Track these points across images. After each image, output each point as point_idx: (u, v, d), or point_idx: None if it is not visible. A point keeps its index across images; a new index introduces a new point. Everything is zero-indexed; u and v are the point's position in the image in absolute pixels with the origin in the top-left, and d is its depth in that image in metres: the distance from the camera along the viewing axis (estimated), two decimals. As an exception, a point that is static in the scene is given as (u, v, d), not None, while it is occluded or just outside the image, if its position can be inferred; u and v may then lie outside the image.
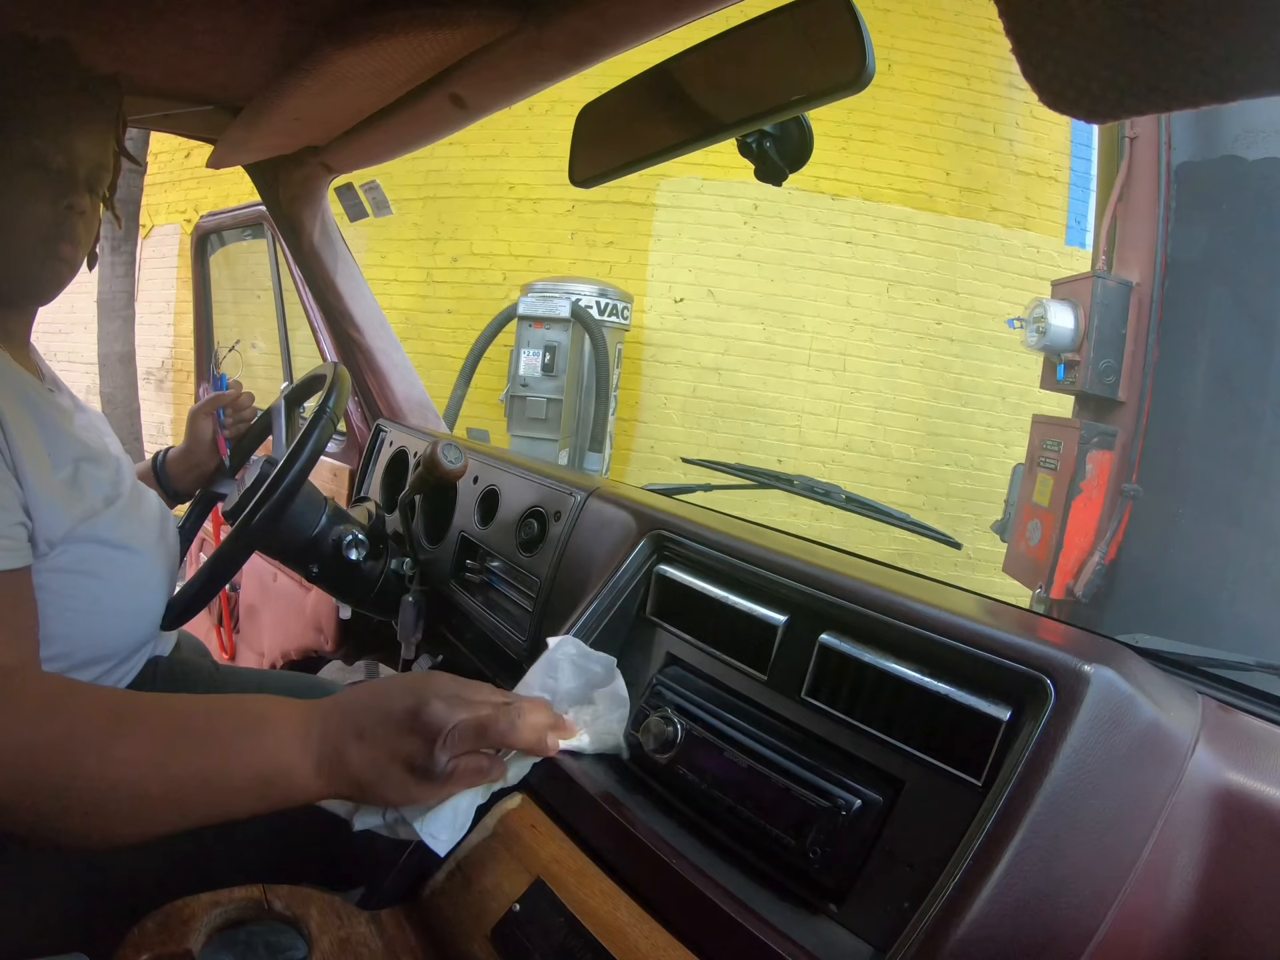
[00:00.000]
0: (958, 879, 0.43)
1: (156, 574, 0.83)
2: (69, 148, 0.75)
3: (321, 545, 1.04)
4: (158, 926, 0.56)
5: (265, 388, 2.35)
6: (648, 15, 0.69)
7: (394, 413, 1.51)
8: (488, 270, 4.34)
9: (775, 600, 0.63)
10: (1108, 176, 2.78)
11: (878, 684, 0.54)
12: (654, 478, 4.14)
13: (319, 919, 0.59)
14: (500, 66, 0.83)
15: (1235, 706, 0.56)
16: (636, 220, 4.20)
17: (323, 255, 1.43)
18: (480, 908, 0.58)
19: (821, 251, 4.09)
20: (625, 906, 0.53)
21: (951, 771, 0.49)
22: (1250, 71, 0.29)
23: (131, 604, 0.79)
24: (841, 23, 0.56)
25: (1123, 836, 0.43)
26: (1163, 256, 2.45)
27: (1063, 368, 2.59)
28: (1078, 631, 0.57)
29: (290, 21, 0.82)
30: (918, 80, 3.99)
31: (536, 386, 3.47)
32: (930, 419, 4.10)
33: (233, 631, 1.83)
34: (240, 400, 1.07)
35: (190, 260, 2.24)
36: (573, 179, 0.82)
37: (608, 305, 3.61)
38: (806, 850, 0.51)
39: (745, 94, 0.66)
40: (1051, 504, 2.57)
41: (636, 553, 0.74)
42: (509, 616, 0.97)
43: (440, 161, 4.27)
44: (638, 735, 0.64)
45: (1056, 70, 0.33)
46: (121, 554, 0.77)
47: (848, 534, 3.44)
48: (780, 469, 2.45)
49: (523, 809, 0.63)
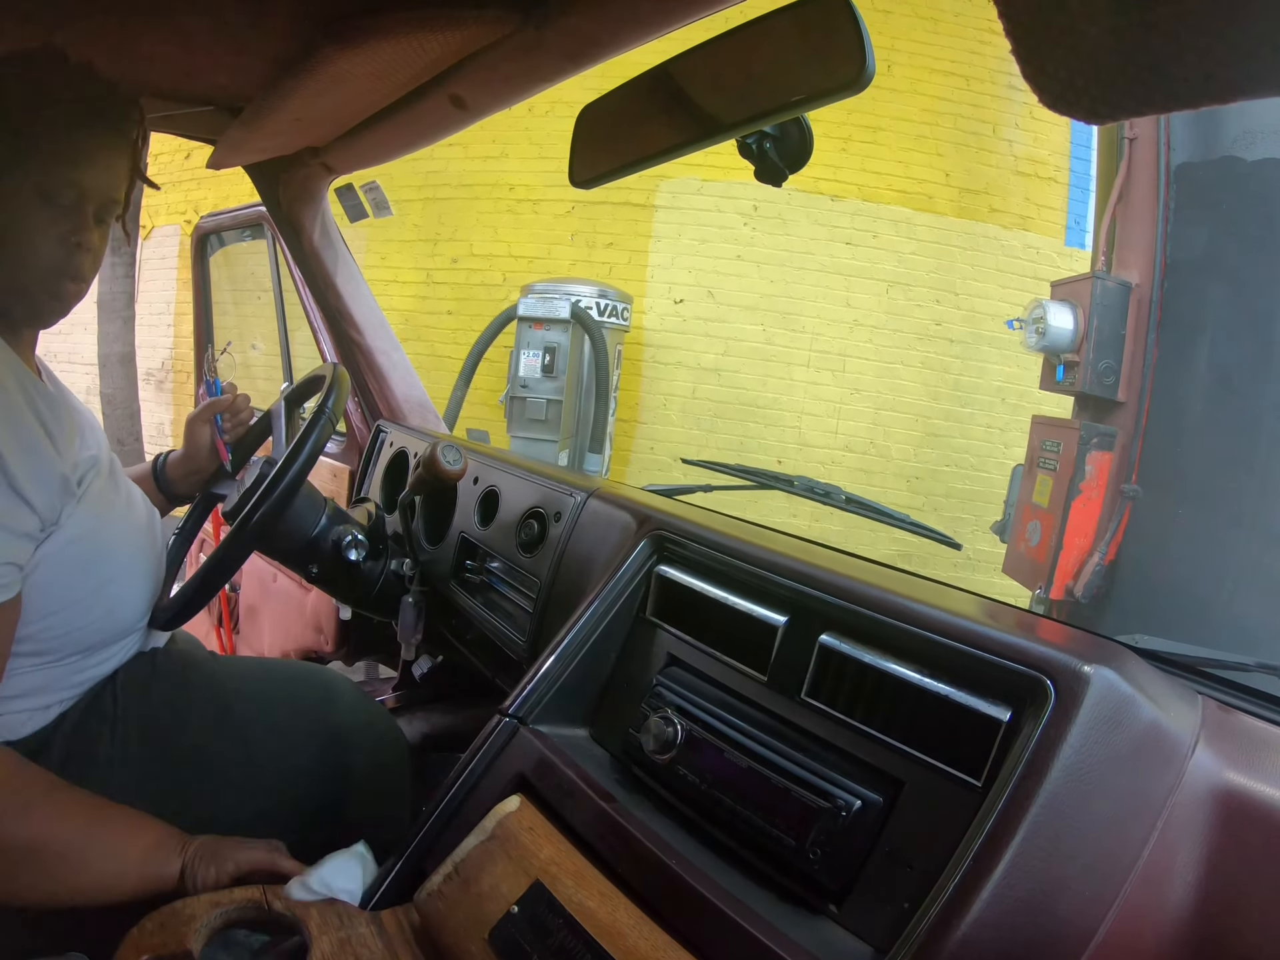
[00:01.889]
0: (958, 879, 0.43)
1: (138, 568, 0.84)
2: (79, 183, 0.74)
3: (321, 546, 1.04)
4: (158, 926, 0.56)
5: (265, 388, 2.35)
6: (648, 16, 0.69)
7: (394, 413, 1.51)
8: (487, 271, 4.34)
9: (775, 601, 0.63)
10: (1107, 177, 2.78)
11: (878, 684, 0.54)
12: (654, 478, 4.13)
13: (319, 919, 0.59)
14: (500, 67, 0.83)
15: (1235, 707, 0.56)
16: (636, 221, 4.20)
17: (323, 256, 1.43)
18: (478, 909, 0.58)
19: (821, 252, 4.09)
20: (624, 908, 0.53)
21: (951, 772, 0.49)
22: (1250, 71, 0.29)
23: (112, 595, 0.80)
24: (841, 23, 0.56)
25: (1123, 837, 0.43)
26: (1162, 257, 2.45)
27: (1062, 368, 2.59)
28: (1077, 632, 0.57)
29: (290, 22, 0.82)
30: (917, 81, 3.98)
31: (536, 387, 3.47)
32: (930, 420, 4.10)
33: (232, 632, 1.83)
34: (237, 404, 1.06)
35: (190, 261, 2.23)
36: (573, 180, 0.82)
37: (607, 306, 3.61)
38: (806, 850, 0.51)
39: (745, 95, 0.66)
40: (1051, 505, 2.57)
41: (636, 553, 0.74)
42: (509, 617, 0.97)
43: (440, 163, 4.27)
44: (638, 736, 0.64)
45: (1056, 71, 0.33)
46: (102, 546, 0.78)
47: (848, 535, 3.44)
48: (780, 470, 2.45)
49: (521, 811, 0.63)
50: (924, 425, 4.10)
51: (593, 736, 0.71)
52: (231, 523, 0.93)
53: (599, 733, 0.71)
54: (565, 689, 0.71)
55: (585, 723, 0.72)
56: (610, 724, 0.70)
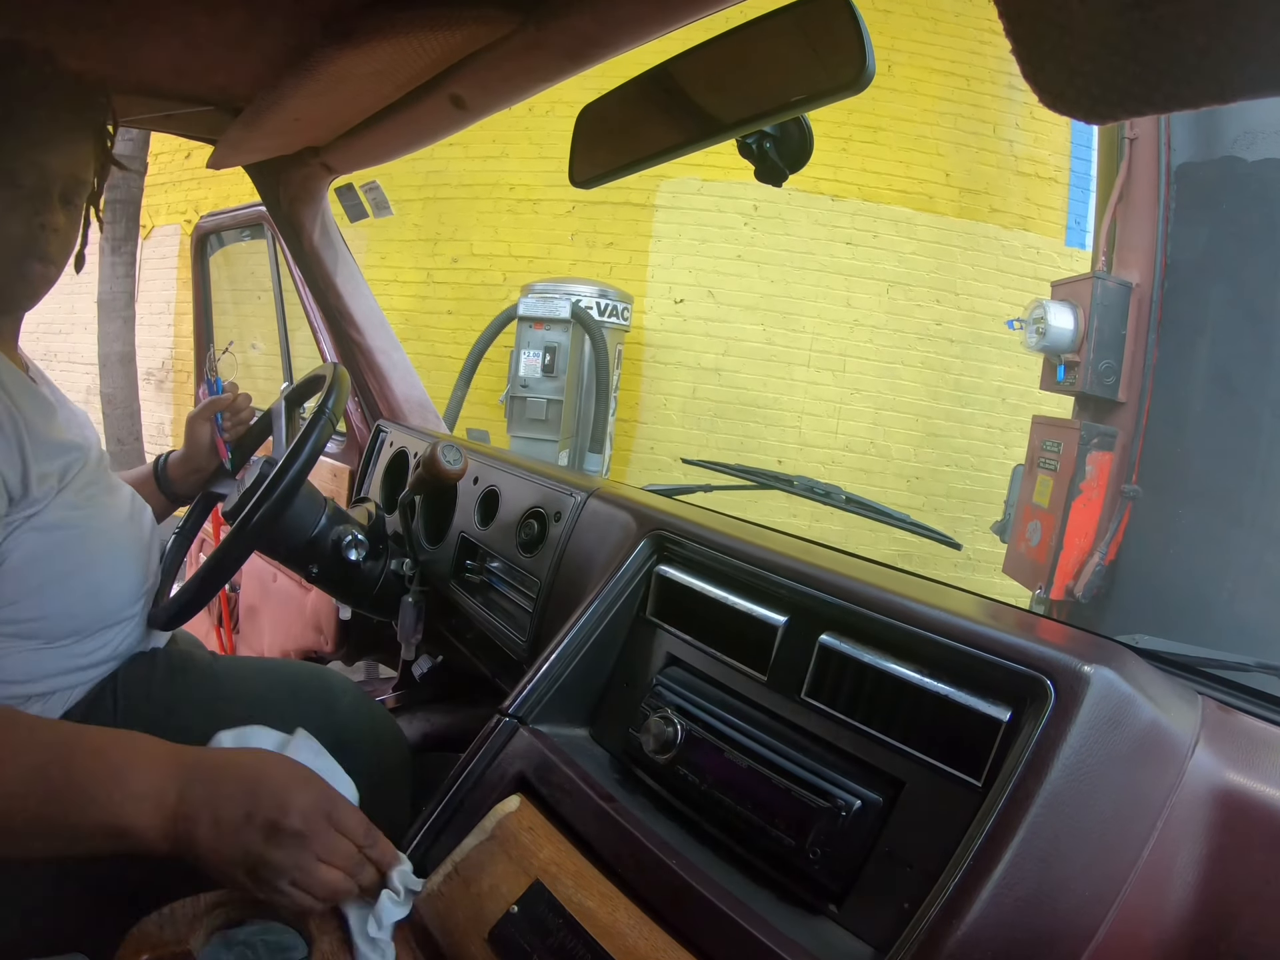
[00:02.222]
0: (958, 879, 0.43)
1: (121, 555, 0.85)
2: (42, 165, 0.75)
3: (321, 545, 1.04)
4: (158, 926, 0.56)
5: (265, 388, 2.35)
6: (648, 15, 0.69)
7: (394, 413, 1.51)
8: (488, 271, 4.34)
9: (775, 601, 0.63)
10: (1107, 177, 2.78)
11: (878, 684, 0.54)
12: (654, 478, 4.13)
13: (319, 919, 0.59)
14: (500, 67, 0.83)
15: (1235, 707, 0.56)
16: (637, 221, 4.20)
17: (323, 255, 1.43)
18: (478, 910, 0.58)
19: (821, 252, 4.09)
20: (624, 908, 0.53)
21: (951, 772, 0.49)
22: (1250, 71, 0.29)
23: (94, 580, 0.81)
24: (841, 23, 0.56)
25: (1123, 837, 0.43)
26: (1162, 257, 2.45)
27: (1063, 368, 2.59)
28: (1077, 632, 0.57)
29: (290, 22, 0.82)
30: (918, 81, 3.98)
31: (536, 387, 3.47)
32: (930, 420, 4.10)
33: (232, 632, 1.83)
34: (237, 403, 1.06)
35: (190, 261, 2.24)
36: (573, 180, 0.82)
37: (608, 306, 3.61)
38: (806, 850, 0.51)
39: (745, 95, 0.66)
40: (1051, 505, 2.57)
41: (636, 553, 0.74)
42: (509, 617, 0.97)
43: (440, 162, 4.27)
44: (638, 736, 0.64)
45: (1056, 71, 0.33)
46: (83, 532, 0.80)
47: (848, 535, 3.44)
48: (780, 470, 2.45)
49: (520, 811, 0.63)
50: (924, 425, 4.10)
51: (593, 736, 0.71)
52: (231, 523, 0.93)
53: (599, 732, 0.71)
54: (565, 689, 0.71)
55: (585, 722, 0.72)
56: (610, 724, 0.70)
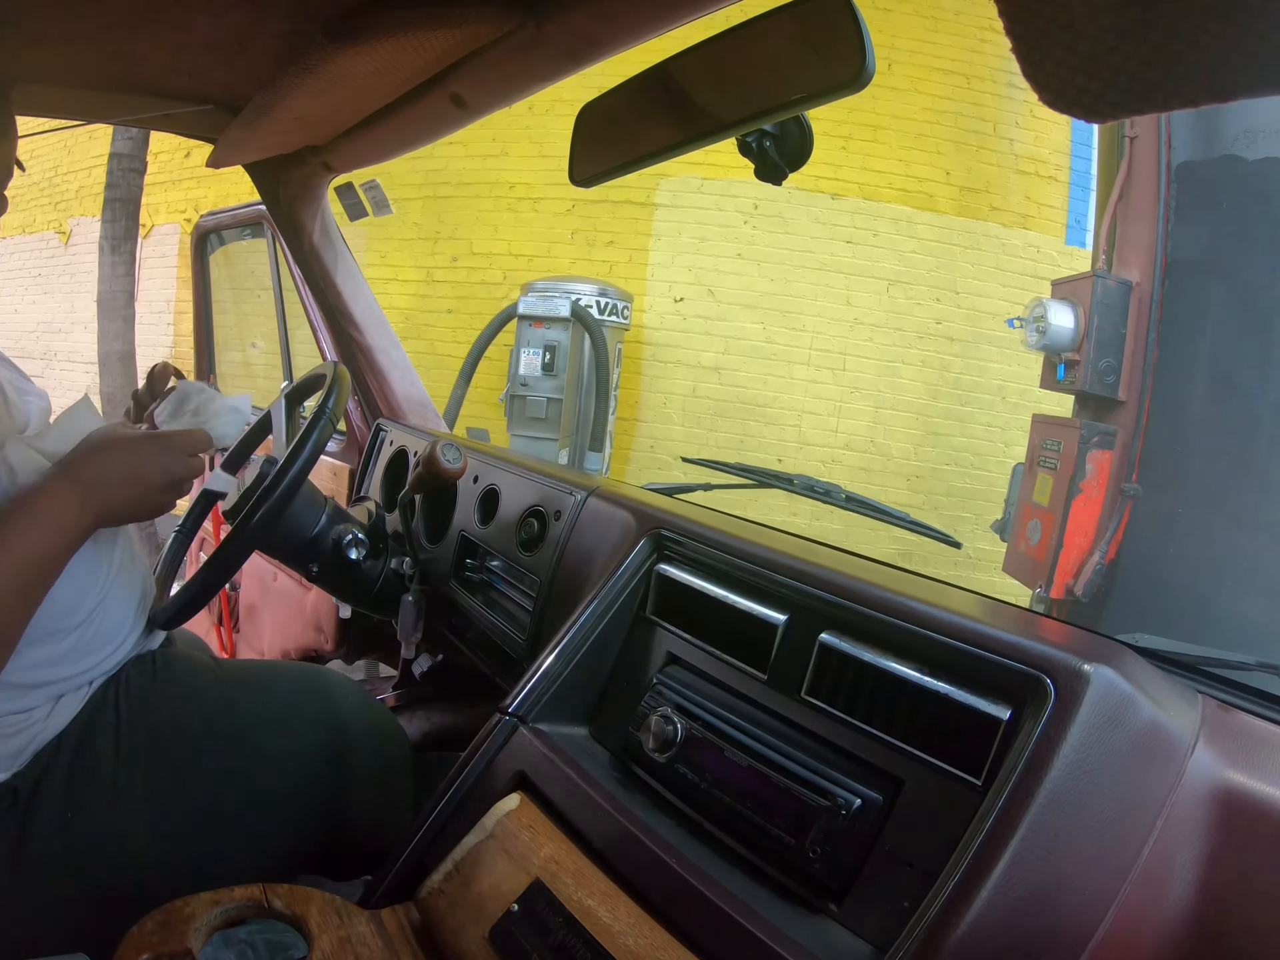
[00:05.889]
0: (958, 879, 0.43)
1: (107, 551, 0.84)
2: None
3: (321, 545, 1.04)
4: (158, 926, 0.56)
5: (265, 387, 2.35)
6: (648, 15, 0.69)
7: (394, 412, 1.51)
8: (488, 270, 4.33)
9: (775, 600, 0.63)
10: (1108, 176, 2.78)
11: (877, 683, 0.54)
12: (654, 477, 4.13)
13: (319, 918, 0.59)
14: (500, 66, 0.83)
15: (1235, 706, 0.56)
16: (636, 220, 4.19)
17: (323, 254, 1.43)
18: (479, 908, 0.58)
19: (821, 251, 4.08)
20: (624, 906, 0.53)
21: (951, 771, 0.49)
22: (1250, 71, 0.29)
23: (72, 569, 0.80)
24: (841, 22, 0.56)
25: (1122, 836, 0.43)
26: (1163, 256, 2.45)
27: (1063, 367, 2.59)
28: (1077, 631, 0.57)
29: (290, 21, 0.82)
30: (918, 80, 3.98)
31: (536, 386, 3.47)
32: (930, 418, 4.09)
33: (233, 631, 1.83)
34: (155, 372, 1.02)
35: (190, 260, 2.23)
36: (573, 178, 0.82)
37: (608, 305, 3.61)
38: (806, 850, 0.51)
39: (745, 93, 0.66)
40: (1051, 503, 2.57)
41: (636, 552, 0.74)
42: (509, 616, 0.97)
43: (440, 161, 4.27)
44: (638, 734, 0.64)
45: (1056, 70, 0.33)
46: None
47: (848, 533, 3.44)
48: (780, 468, 2.44)
49: (521, 810, 0.63)
50: (924, 424, 4.09)
51: (593, 735, 0.71)
52: (232, 522, 0.93)
53: (599, 731, 0.71)
54: (565, 687, 0.71)
55: (585, 721, 0.72)
56: (610, 722, 0.70)
